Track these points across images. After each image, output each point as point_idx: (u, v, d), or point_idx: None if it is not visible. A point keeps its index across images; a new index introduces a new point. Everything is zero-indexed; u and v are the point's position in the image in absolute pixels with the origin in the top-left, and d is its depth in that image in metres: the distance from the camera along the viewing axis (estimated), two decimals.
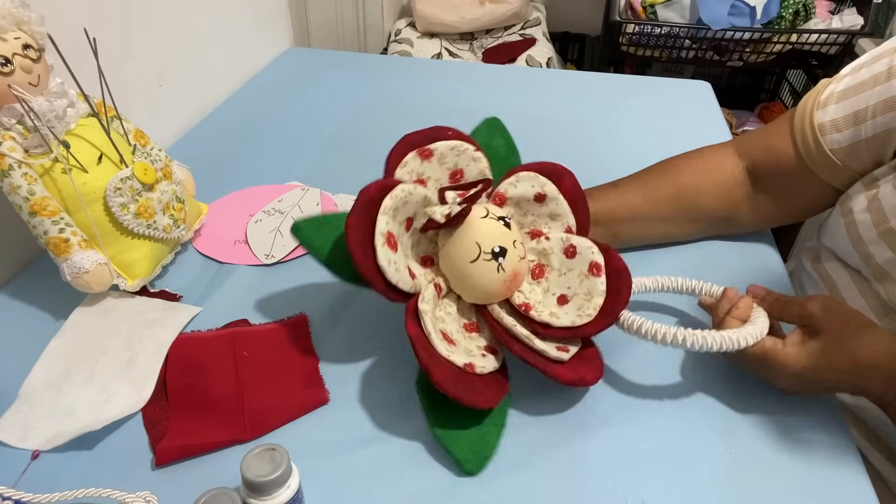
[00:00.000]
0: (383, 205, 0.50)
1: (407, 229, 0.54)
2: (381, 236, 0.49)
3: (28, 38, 0.55)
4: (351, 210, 0.49)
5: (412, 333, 0.49)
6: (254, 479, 0.41)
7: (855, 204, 0.59)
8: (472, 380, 0.50)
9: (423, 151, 0.55)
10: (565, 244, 0.57)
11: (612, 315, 0.54)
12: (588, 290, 0.55)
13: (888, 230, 0.56)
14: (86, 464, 0.50)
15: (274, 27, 1.26)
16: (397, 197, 0.50)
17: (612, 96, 1.08)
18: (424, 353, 0.48)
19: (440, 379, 0.47)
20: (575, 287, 0.56)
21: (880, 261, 0.56)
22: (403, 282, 0.51)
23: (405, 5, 1.75)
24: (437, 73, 1.18)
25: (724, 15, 1.54)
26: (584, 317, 0.54)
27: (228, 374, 0.56)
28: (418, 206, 0.53)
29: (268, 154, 0.91)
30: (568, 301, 0.55)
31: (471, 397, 0.48)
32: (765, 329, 0.52)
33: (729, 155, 0.69)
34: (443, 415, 0.51)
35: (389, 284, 0.50)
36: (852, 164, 0.60)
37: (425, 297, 0.51)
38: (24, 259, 0.70)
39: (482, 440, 0.50)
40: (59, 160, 0.57)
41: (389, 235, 0.50)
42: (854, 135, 0.59)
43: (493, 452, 0.50)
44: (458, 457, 0.49)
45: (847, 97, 0.60)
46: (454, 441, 0.50)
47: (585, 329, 0.53)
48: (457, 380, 0.48)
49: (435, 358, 0.49)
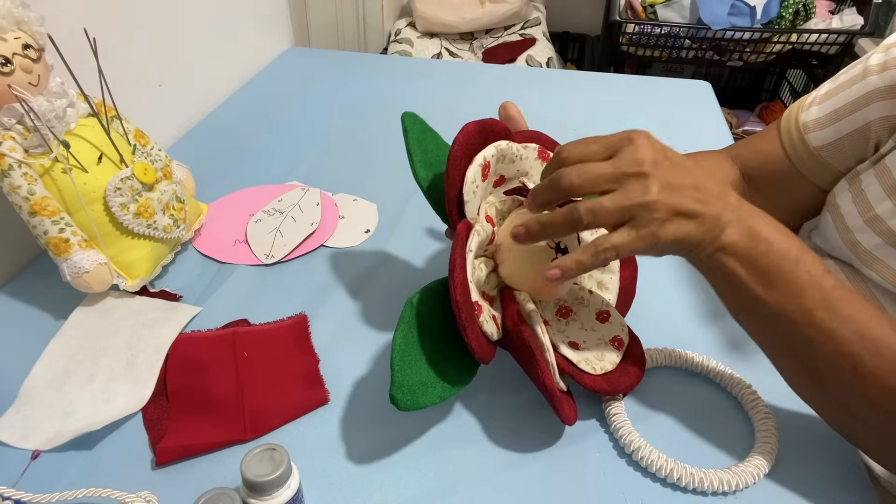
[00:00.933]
0: (497, 142, 0.51)
1: (495, 185, 0.55)
2: (482, 157, 0.50)
3: (28, 38, 0.55)
4: (475, 122, 0.51)
5: (461, 232, 0.48)
6: (254, 479, 0.41)
7: (841, 199, 0.61)
8: (475, 320, 0.48)
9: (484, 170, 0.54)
10: (601, 307, 0.56)
11: (615, 385, 0.52)
12: (602, 353, 0.54)
13: (874, 217, 0.57)
14: (86, 464, 0.50)
15: (274, 27, 1.26)
16: (508, 148, 0.52)
17: (612, 96, 1.08)
18: (461, 253, 0.47)
19: (459, 282, 0.46)
20: (591, 344, 0.54)
21: (868, 246, 0.58)
22: (471, 206, 0.50)
23: (405, 5, 1.75)
24: (437, 73, 1.18)
25: (724, 15, 1.54)
26: (590, 369, 0.52)
27: (228, 374, 0.56)
28: (518, 173, 0.55)
29: (268, 154, 0.91)
30: (579, 349, 0.54)
31: (471, 327, 0.46)
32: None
33: (724, 159, 0.70)
34: (412, 336, 0.48)
35: (460, 195, 0.50)
36: (837, 162, 0.62)
37: (484, 227, 0.50)
38: (24, 259, 0.70)
39: (425, 389, 0.47)
40: (59, 160, 0.57)
41: (486, 165, 0.51)
42: (836, 131, 0.61)
43: (424, 406, 0.46)
44: (396, 380, 0.46)
45: (828, 98, 0.63)
46: (405, 367, 0.47)
47: (585, 377, 0.52)
48: (469, 302, 0.47)
49: (464, 267, 0.47)
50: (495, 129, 0.53)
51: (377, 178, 0.85)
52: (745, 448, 0.51)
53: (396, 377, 0.46)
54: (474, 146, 0.51)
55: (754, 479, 0.48)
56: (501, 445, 0.52)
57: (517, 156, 0.54)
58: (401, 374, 0.46)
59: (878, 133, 0.58)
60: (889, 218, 0.56)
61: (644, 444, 0.49)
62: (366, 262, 0.71)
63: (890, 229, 0.55)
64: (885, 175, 0.57)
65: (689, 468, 0.48)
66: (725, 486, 0.47)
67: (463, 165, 0.50)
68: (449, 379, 0.49)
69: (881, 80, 0.57)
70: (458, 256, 0.46)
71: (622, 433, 0.50)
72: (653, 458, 0.48)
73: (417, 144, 0.54)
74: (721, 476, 0.47)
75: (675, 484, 0.48)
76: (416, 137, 0.54)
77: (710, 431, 0.53)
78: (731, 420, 0.54)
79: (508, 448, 0.52)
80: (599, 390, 0.52)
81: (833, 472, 0.50)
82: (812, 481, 0.49)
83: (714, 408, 0.55)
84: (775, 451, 0.49)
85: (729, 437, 0.52)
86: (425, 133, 0.56)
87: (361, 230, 0.76)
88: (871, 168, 0.59)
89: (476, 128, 0.51)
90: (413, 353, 0.48)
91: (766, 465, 0.48)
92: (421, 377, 0.47)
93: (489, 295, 0.54)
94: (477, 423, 0.53)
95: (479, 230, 0.49)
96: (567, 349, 0.53)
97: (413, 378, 0.47)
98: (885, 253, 0.56)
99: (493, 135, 0.52)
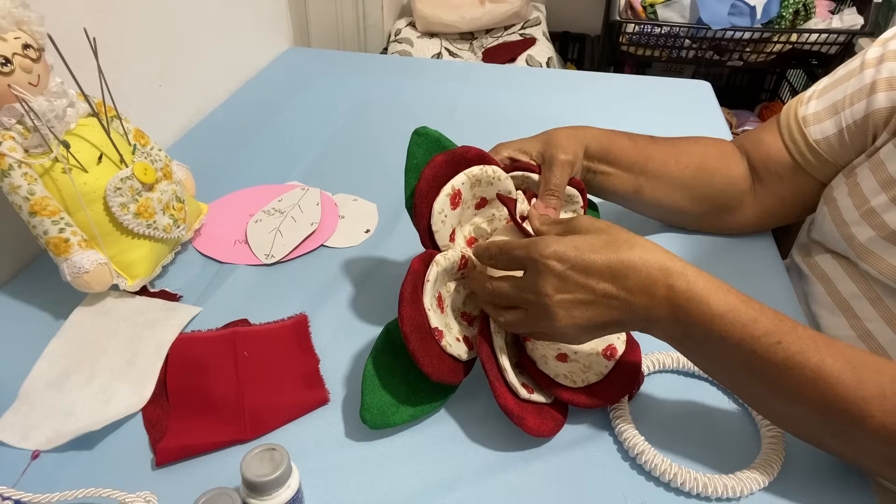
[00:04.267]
0: (469, 169, 0.52)
1: (477, 207, 0.56)
2: (450, 187, 0.52)
3: (28, 38, 0.55)
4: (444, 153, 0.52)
5: (415, 267, 0.50)
6: (254, 479, 0.41)
7: (837, 193, 0.62)
8: (433, 345, 0.50)
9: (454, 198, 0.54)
10: None
11: (596, 398, 0.52)
12: (590, 364, 0.53)
13: (869, 210, 0.57)
14: (86, 464, 0.50)
15: (274, 27, 1.26)
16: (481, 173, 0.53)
17: (612, 96, 1.08)
18: (411, 287, 0.49)
19: (406, 313, 0.48)
20: (580, 355, 0.54)
21: (863, 240, 0.58)
22: (441, 234, 0.52)
23: (405, 5, 1.75)
24: (437, 73, 1.18)
25: (724, 15, 1.54)
26: (569, 382, 0.52)
27: (228, 374, 0.56)
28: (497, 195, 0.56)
29: (268, 154, 0.91)
30: (566, 361, 0.54)
31: (421, 353, 0.48)
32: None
33: (733, 151, 0.71)
34: (387, 361, 0.52)
35: (429, 227, 0.51)
36: (837, 155, 0.63)
37: (447, 256, 0.52)
38: (24, 259, 0.70)
39: (396, 409, 0.51)
40: (59, 160, 0.57)
41: (457, 194, 0.52)
42: (835, 125, 0.62)
43: (394, 424, 0.51)
44: (365, 402, 0.50)
45: (826, 92, 0.64)
46: (374, 389, 0.51)
47: (562, 392, 0.51)
48: (420, 330, 0.49)
49: (416, 299, 0.49)
50: (467, 156, 0.53)
51: (377, 178, 0.85)
52: (750, 453, 0.51)
53: (365, 400, 0.50)
54: (442, 177, 0.52)
55: (759, 485, 0.47)
56: (501, 445, 0.52)
57: (494, 177, 0.54)
58: (369, 398, 0.50)
59: (875, 126, 0.59)
60: (883, 211, 0.56)
61: (648, 447, 0.49)
62: (366, 262, 0.71)
63: (884, 222, 0.56)
64: (879, 168, 0.57)
65: (693, 473, 0.47)
66: (730, 491, 0.46)
67: (431, 197, 0.52)
68: (422, 397, 0.52)
69: (878, 73, 0.58)
70: (405, 290, 0.49)
71: (626, 436, 0.50)
72: (656, 462, 0.48)
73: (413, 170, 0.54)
74: (726, 482, 0.47)
75: (679, 489, 0.48)
76: (414, 163, 0.54)
77: (716, 436, 0.52)
78: (737, 425, 0.53)
79: (508, 448, 0.52)
80: (578, 404, 0.52)
81: (837, 481, 0.49)
82: (817, 488, 0.49)
83: (721, 412, 0.55)
84: (781, 458, 0.49)
85: (735, 442, 0.52)
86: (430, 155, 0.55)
87: (361, 230, 0.76)
88: (867, 161, 0.59)
89: (444, 159, 0.52)
90: (384, 376, 0.51)
91: (772, 473, 0.48)
92: (392, 397, 0.51)
93: (470, 315, 0.55)
94: (477, 424, 0.53)
95: (440, 260, 0.51)
96: (553, 361, 0.53)
97: (382, 399, 0.51)
98: (878, 246, 0.56)
99: (465, 162, 0.53)
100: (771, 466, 0.48)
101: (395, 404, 0.51)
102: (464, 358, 0.52)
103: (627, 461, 0.50)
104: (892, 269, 0.55)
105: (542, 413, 0.51)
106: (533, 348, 0.53)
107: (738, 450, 0.51)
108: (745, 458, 0.50)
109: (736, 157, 0.70)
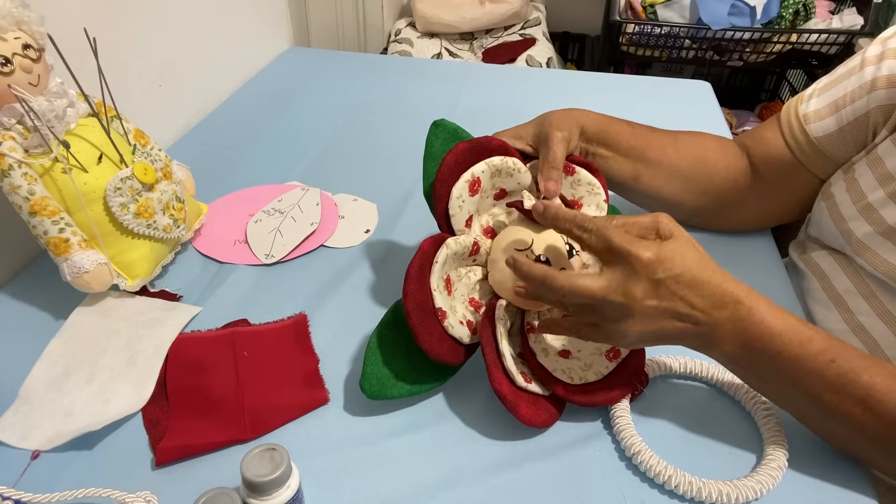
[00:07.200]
0: (490, 158, 0.54)
1: (496, 198, 0.57)
2: (470, 174, 0.53)
3: (28, 38, 0.55)
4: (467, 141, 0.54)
5: (424, 247, 0.51)
6: (254, 479, 0.41)
7: (836, 188, 0.62)
8: (435, 324, 0.50)
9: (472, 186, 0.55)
10: None
11: (591, 398, 0.51)
12: (591, 363, 0.53)
13: (866, 205, 0.58)
14: (86, 464, 0.50)
15: (274, 27, 1.26)
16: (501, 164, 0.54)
17: (612, 96, 1.08)
18: (418, 266, 0.50)
19: (411, 290, 0.49)
20: (584, 353, 0.54)
21: (860, 235, 0.58)
22: (457, 219, 0.53)
23: (405, 5, 1.75)
24: (437, 73, 1.18)
25: (724, 15, 1.54)
26: (567, 378, 0.52)
27: (228, 374, 0.56)
28: (519, 186, 0.57)
29: (268, 154, 0.91)
30: (568, 358, 0.54)
31: (422, 330, 0.49)
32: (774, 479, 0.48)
33: (734, 150, 0.71)
34: (391, 335, 0.53)
35: (447, 212, 0.53)
36: (838, 152, 0.63)
37: (458, 240, 0.53)
38: (24, 259, 0.70)
39: (394, 383, 0.52)
40: (59, 160, 0.57)
41: (476, 181, 0.53)
42: (836, 122, 0.62)
43: (391, 397, 0.52)
44: (366, 372, 0.51)
45: (827, 90, 0.64)
46: (375, 361, 0.52)
47: (558, 387, 0.52)
48: (422, 308, 0.50)
49: (422, 277, 0.50)
50: (489, 146, 0.54)
51: (377, 178, 0.85)
52: (752, 461, 0.51)
53: (366, 370, 0.51)
54: (464, 164, 0.53)
55: (756, 494, 0.47)
56: (501, 445, 0.52)
57: (514, 169, 0.55)
58: (370, 368, 0.52)
59: (875, 123, 0.59)
60: (880, 207, 0.56)
61: (644, 448, 0.49)
62: (366, 262, 0.71)
63: (881, 217, 0.56)
64: (877, 164, 0.58)
65: (689, 476, 0.47)
66: (724, 498, 0.46)
67: (451, 183, 0.53)
68: (422, 375, 0.53)
69: (878, 70, 0.59)
70: (411, 268, 0.50)
71: (623, 436, 0.50)
72: (652, 464, 0.48)
73: (431, 159, 0.56)
74: (721, 487, 0.46)
75: (673, 492, 0.48)
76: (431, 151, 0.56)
77: (719, 442, 0.52)
78: (740, 431, 0.53)
79: (508, 447, 0.52)
80: (572, 401, 0.52)
81: (837, 480, 0.49)
82: (817, 488, 0.49)
83: (725, 418, 0.54)
84: (782, 468, 0.48)
85: (737, 449, 0.52)
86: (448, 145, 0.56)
87: (361, 230, 0.76)
88: (865, 157, 0.60)
89: (467, 147, 0.54)
90: (387, 349, 0.52)
91: (769, 484, 0.47)
92: (391, 371, 0.52)
93: (478, 302, 0.56)
94: (477, 423, 0.53)
95: (451, 243, 0.52)
96: (555, 356, 0.53)
97: (382, 371, 0.52)
98: (874, 241, 0.57)
99: (487, 151, 0.54)
100: (769, 478, 0.47)
101: (394, 378, 0.52)
102: (465, 341, 0.53)
103: (627, 461, 0.50)
104: (887, 265, 0.55)
105: (536, 403, 0.51)
106: (536, 339, 0.54)
107: (741, 456, 0.51)
108: (746, 466, 0.50)
109: (736, 154, 0.70)
